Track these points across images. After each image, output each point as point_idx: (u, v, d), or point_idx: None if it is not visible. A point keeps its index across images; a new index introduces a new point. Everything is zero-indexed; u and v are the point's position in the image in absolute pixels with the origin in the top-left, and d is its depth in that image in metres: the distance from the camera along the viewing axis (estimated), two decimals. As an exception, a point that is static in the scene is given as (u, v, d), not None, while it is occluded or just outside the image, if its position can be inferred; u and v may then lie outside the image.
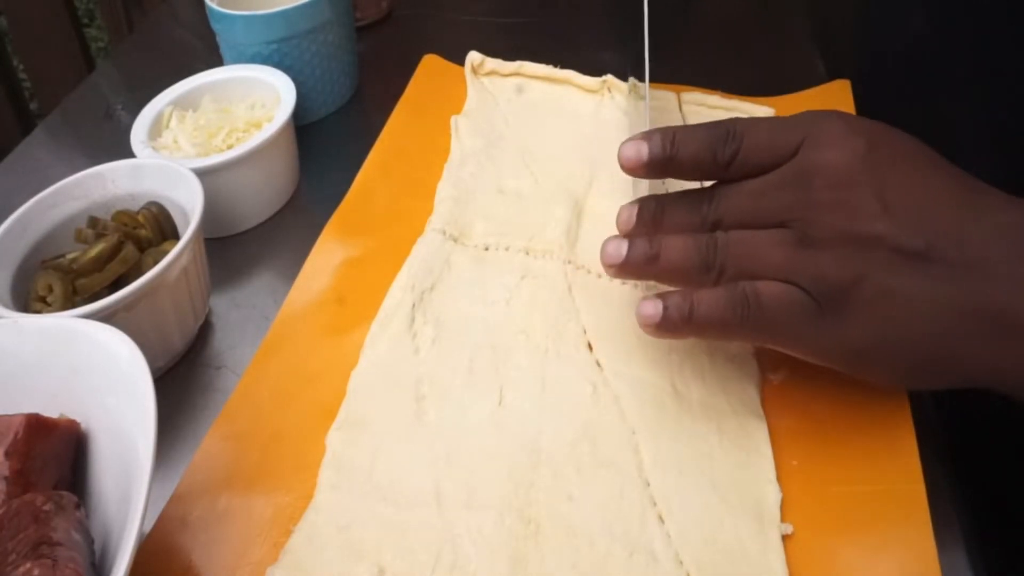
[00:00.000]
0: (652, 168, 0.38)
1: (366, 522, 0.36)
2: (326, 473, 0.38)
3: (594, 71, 0.59)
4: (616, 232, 0.40)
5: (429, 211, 0.50)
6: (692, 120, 0.56)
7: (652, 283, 0.44)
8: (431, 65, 0.63)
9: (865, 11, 0.67)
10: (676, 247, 0.37)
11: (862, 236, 0.33)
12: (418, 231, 0.49)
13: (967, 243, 0.33)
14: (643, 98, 0.48)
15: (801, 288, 0.34)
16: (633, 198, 0.41)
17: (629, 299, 0.44)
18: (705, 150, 0.37)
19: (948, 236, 0.33)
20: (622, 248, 0.38)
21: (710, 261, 0.36)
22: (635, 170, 0.38)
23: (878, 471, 0.37)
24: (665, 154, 0.37)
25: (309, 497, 0.37)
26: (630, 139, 0.38)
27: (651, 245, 0.37)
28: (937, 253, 0.33)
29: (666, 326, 0.36)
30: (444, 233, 0.48)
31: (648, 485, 0.36)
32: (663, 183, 0.48)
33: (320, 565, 0.34)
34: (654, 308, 0.36)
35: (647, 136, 0.38)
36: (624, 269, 0.38)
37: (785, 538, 0.35)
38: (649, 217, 0.39)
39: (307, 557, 0.35)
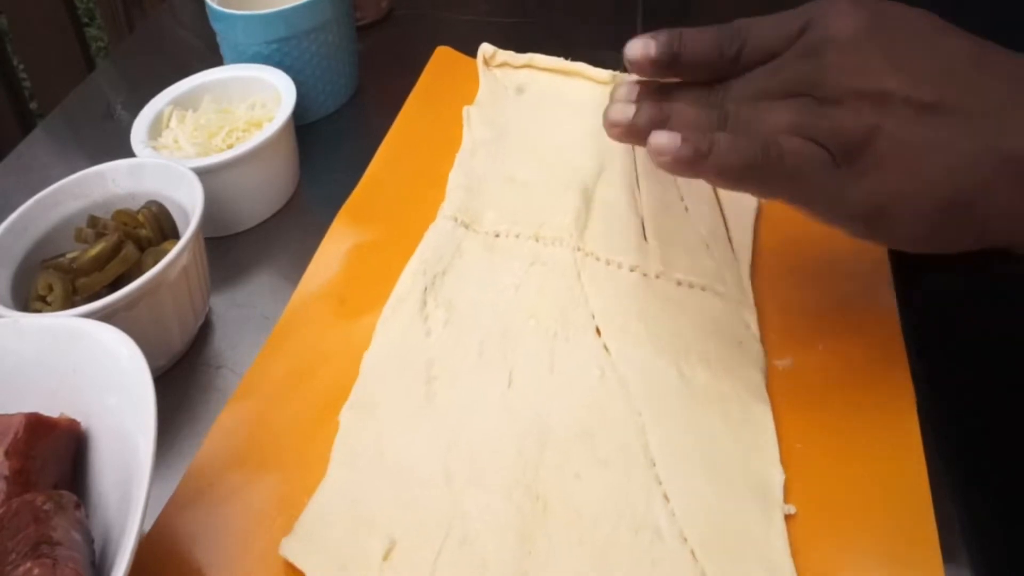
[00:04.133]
0: (659, 65, 0.36)
1: (377, 498, 0.36)
2: (339, 450, 0.38)
3: (594, 71, 0.59)
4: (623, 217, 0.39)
5: (441, 199, 0.51)
6: None
7: (661, 269, 0.45)
8: (443, 57, 0.63)
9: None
10: (687, 113, 0.36)
11: (874, 92, 0.33)
12: (430, 218, 0.50)
13: (982, 93, 0.33)
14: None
15: (818, 144, 0.34)
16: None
17: (637, 285, 0.45)
18: (712, 46, 0.36)
19: (962, 87, 0.33)
20: (628, 111, 0.36)
21: (721, 127, 0.35)
22: (642, 67, 0.36)
23: (880, 455, 0.37)
24: (672, 50, 0.36)
25: (322, 474, 0.38)
26: (636, 37, 0.37)
27: (661, 110, 0.36)
28: (951, 103, 0.33)
29: (681, 159, 0.33)
30: (455, 220, 0.49)
31: (654, 465, 0.37)
32: None
33: (332, 538, 0.35)
34: (669, 139, 0.33)
35: (654, 34, 0.36)
36: (630, 132, 0.36)
37: (788, 518, 0.35)
38: (655, 89, 0.38)
39: (320, 530, 0.35)
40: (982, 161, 0.32)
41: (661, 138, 0.33)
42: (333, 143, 0.60)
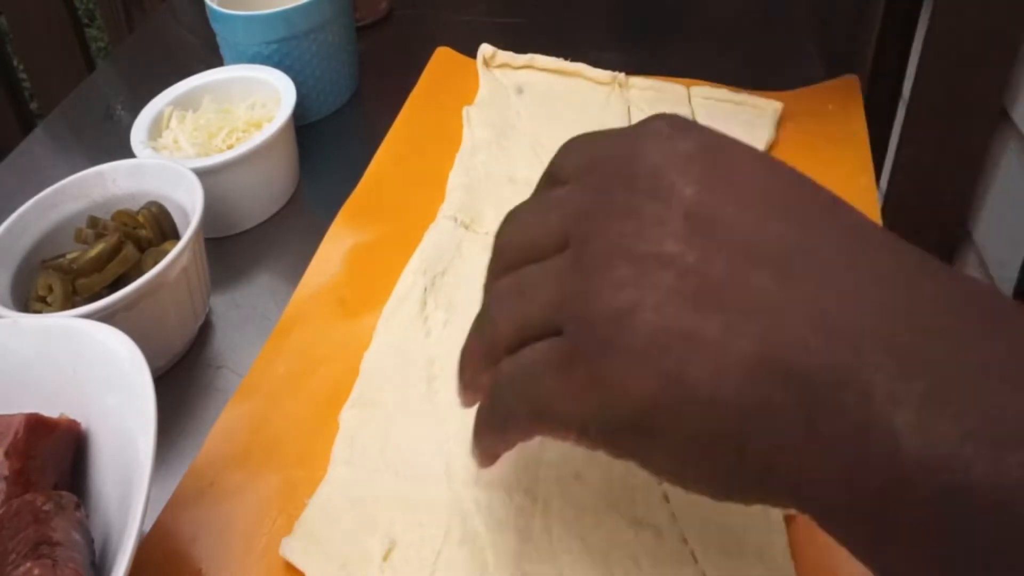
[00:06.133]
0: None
1: (378, 496, 0.37)
2: (339, 449, 0.39)
3: (594, 71, 0.59)
4: None
5: (441, 199, 0.51)
6: (700, 113, 0.56)
7: None
8: (443, 57, 0.63)
9: (866, 6, 0.67)
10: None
11: (648, 255, 0.24)
12: (430, 218, 0.50)
13: (794, 278, 0.23)
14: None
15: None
16: None
17: None
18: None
19: (770, 266, 0.23)
20: None
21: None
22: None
23: None
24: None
25: (323, 473, 0.38)
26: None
27: None
28: (743, 289, 0.23)
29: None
30: (455, 220, 0.49)
31: None
32: None
33: (333, 536, 0.35)
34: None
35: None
36: None
37: (788, 518, 0.35)
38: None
39: (320, 528, 0.35)
40: (752, 371, 0.22)
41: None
42: (333, 143, 0.60)
